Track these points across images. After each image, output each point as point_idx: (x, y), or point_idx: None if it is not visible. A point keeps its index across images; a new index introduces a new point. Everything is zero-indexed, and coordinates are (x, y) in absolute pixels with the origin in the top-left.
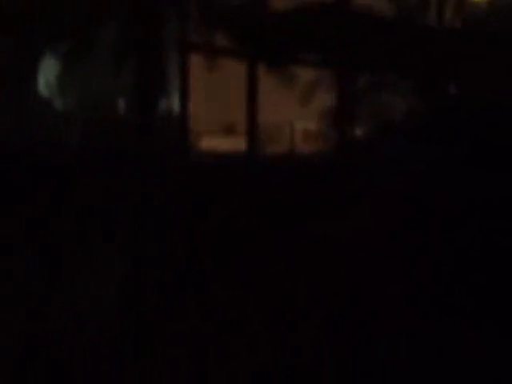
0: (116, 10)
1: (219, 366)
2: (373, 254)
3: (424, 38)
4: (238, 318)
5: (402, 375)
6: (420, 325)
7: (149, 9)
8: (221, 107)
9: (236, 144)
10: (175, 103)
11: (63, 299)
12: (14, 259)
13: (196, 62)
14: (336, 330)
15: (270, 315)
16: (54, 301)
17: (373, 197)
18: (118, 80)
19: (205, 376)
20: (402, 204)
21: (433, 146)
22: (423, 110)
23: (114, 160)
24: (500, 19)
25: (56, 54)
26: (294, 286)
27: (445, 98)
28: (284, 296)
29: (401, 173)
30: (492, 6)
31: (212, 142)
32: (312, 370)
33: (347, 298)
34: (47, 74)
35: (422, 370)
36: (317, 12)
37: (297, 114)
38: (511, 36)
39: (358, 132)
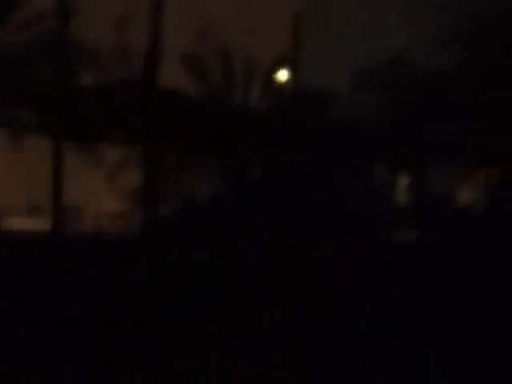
0: None
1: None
2: None
3: (231, 119)
4: None
5: None
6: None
7: None
8: (26, 187)
9: (41, 224)
10: None
11: None
12: None
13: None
14: None
15: None
16: None
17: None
18: None
19: None
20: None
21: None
22: (228, 192)
23: None
24: (306, 101)
25: None
26: None
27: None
28: None
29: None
30: (298, 89)
31: (17, 222)
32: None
33: None
34: None
35: None
36: (124, 90)
37: (103, 194)
38: (317, 117)
39: (163, 212)
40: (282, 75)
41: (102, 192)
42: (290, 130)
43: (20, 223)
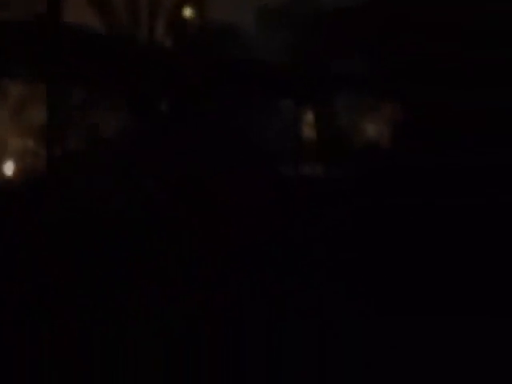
0: None
1: None
2: None
3: (136, 55)
4: None
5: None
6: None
7: None
8: None
9: None
10: None
11: None
12: None
13: None
14: None
15: None
16: None
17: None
18: None
19: None
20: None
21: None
22: (134, 130)
23: None
24: (214, 37)
25: None
26: None
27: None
28: None
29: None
30: (206, 24)
31: None
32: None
33: None
34: None
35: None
36: (28, 25)
37: (7, 131)
38: (223, 53)
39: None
40: (188, 12)
41: (6, 130)
42: (196, 67)
43: None
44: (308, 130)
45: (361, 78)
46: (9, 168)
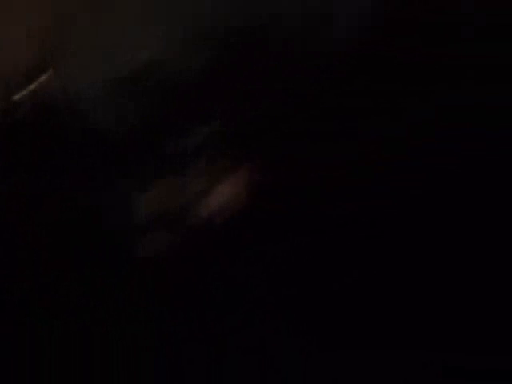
0: None
1: None
2: None
3: None
4: None
5: None
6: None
7: None
8: None
9: None
10: None
11: None
12: None
13: None
14: None
15: None
16: None
17: None
18: None
19: None
20: None
21: None
22: None
23: None
24: (58, 107)
25: None
26: None
27: None
28: None
29: None
30: (50, 96)
31: None
32: None
33: None
34: None
35: None
36: None
37: None
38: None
39: None
40: (36, 82)
41: None
42: (40, 140)
43: None
44: (154, 205)
45: (214, 143)
46: None
